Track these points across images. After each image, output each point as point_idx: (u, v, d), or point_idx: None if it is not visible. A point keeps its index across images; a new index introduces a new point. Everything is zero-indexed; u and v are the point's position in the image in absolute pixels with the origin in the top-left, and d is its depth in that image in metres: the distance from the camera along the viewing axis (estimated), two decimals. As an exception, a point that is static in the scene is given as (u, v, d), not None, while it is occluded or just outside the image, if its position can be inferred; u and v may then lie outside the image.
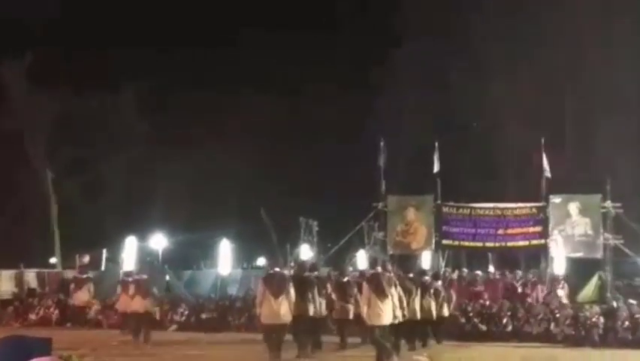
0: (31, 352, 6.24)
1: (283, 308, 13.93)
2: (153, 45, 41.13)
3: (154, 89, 41.13)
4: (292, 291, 14.19)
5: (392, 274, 14.46)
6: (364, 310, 13.86)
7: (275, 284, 14.14)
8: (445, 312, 18.77)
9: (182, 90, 41.74)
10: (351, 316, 16.94)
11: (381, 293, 13.65)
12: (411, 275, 17.54)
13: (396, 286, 14.26)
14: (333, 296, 16.99)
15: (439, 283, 18.97)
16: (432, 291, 17.80)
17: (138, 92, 41.67)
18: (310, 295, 15.18)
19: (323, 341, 16.34)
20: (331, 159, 40.04)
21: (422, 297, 17.00)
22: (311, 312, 15.14)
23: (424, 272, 19.47)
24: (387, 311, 13.65)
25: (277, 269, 14.65)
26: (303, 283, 15.03)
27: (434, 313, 17.74)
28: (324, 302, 16.19)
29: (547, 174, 25.31)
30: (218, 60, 42.83)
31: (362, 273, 17.62)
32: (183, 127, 41.54)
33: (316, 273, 16.26)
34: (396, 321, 13.93)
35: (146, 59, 40.79)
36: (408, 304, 15.23)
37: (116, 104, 41.69)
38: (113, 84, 40.52)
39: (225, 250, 27.27)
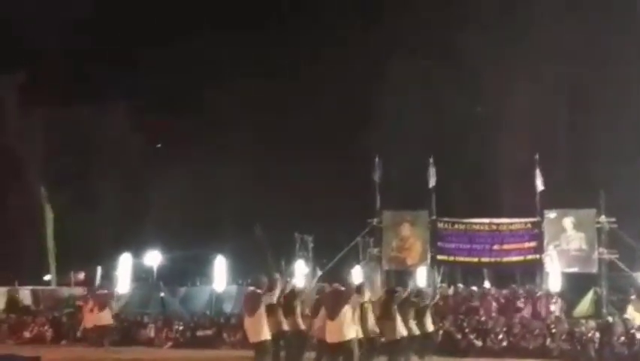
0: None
1: (257, 326, 13.81)
2: (148, 59, 41.17)
3: (148, 104, 41.16)
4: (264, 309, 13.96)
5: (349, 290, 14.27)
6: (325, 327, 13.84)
7: (248, 303, 14.10)
8: (429, 328, 18.64)
9: (176, 106, 41.75)
10: None
11: (331, 311, 13.59)
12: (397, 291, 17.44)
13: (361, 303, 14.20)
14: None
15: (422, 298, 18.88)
16: (410, 307, 17.68)
17: (132, 107, 41.70)
18: (282, 313, 15.07)
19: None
20: (326, 174, 40.00)
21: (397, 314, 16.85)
22: (285, 329, 15.04)
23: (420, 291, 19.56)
24: (339, 328, 13.50)
25: (251, 288, 14.48)
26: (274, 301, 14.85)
27: (414, 329, 17.66)
28: (299, 318, 16.13)
29: (539, 188, 25.38)
30: (214, 76, 42.90)
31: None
32: (178, 143, 41.54)
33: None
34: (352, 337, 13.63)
35: (141, 74, 40.90)
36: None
37: (110, 120, 41.67)
38: (107, 99, 40.52)
39: (220, 267, 27.28)
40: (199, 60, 42.60)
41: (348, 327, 13.33)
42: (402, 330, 16.78)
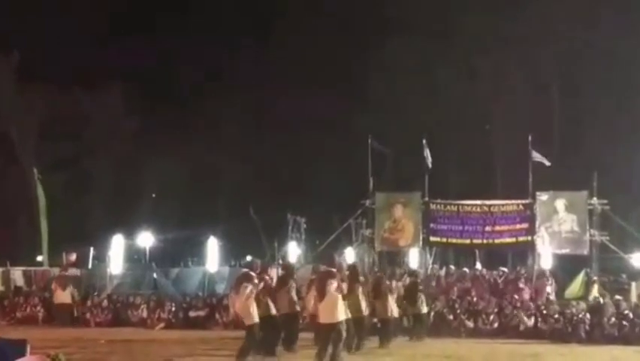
0: (6, 353, 6.17)
1: (246, 309, 13.82)
2: (142, 42, 41.03)
3: (142, 86, 41.08)
4: (253, 291, 13.94)
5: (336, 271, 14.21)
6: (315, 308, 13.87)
7: (238, 285, 14.13)
8: (422, 309, 18.92)
9: (170, 88, 41.69)
10: None
11: (318, 293, 13.57)
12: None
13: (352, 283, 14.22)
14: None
15: (414, 280, 19.09)
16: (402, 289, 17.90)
17: (126, 89, 41.60)
18: (271, 295, 15.13)
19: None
20: (319, 156, 40.05)
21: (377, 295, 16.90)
22: (273, 311, 15.09)
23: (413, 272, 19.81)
24: (329, 310, 13.42)
25: (244, 269, 14.50)
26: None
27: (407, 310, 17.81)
28: (294, 300, 16.21)
29: (546, 162, 25.43)
30: (208, 59, 42.84)
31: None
32: (171, 125, 41.48)
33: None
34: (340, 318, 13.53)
35: (134, 57, 40.79)
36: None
37: (104, 102, 41.55)
38: (101, 81, 40.38)
39: (213, 248, 27.26)
40: (194, 42, 42.56)
41: (338, 309, 13.35)
42: (394, 310, 16.96)
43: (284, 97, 40.71)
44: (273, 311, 15.05)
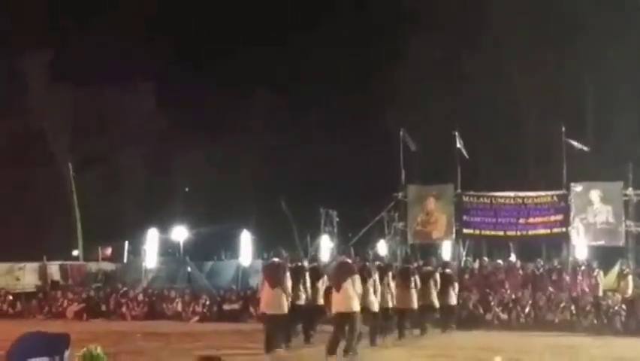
0: (50, 347, 6.24)
1: (279, 298, 13.90)
2: (170, 40, 41.34)
3: (174, 83, 41.33)
4: (288, 282, 14.13)
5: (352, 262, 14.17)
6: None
7: (272, 274, 14.19)
8: (452, 300, 19.05)
9: (201, 83, 41.89)
10: None
11: (335, 282, 13.68)
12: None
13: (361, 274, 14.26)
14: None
15: (447, 271, 19.13)
16: (432, 280, 17.99)
17: (158, 86, 41.94)
18: (302, 285, 15.25)
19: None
20: (351, 149, 39.98)
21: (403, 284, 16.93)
22: (302, 301, 15.18)
23: (446, 263, 19.90)
24: (342, 300, 13.45)
25: (276, 259, 14.63)
26: (297, 273, 15.03)
27: (434, 301, 17.97)
28: (321, 291, 16.31)
29: (584, 148, 25.20)
30: (236, 52, 43.03)
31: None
32: (203, 119, 41.70)
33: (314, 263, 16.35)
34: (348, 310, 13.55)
35: (164, 54, 41.05)
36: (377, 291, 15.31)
37: (136, 98, 41.87)
38: (133, 79, 40.68)
39: (246, 241, 27.42)
40: (222, 36, 42.74)
41: (353, 299, 13.41)
42: (417, 301, 17.04)
43: (315, 90, 40.73)
44: (301, 302, 15.20)
